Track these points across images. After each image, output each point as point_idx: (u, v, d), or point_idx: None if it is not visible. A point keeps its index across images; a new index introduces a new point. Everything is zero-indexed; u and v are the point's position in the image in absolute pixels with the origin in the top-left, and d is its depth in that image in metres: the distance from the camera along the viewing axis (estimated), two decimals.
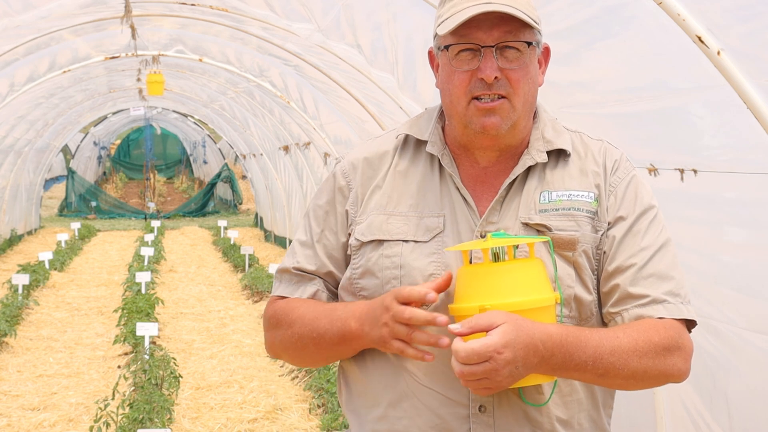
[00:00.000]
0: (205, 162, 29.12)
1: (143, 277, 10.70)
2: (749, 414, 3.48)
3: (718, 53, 3.07)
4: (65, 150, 28.22)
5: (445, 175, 2.06)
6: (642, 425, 4.10)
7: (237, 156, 21.77)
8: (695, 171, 3.63)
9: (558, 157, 2.06)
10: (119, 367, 7.81)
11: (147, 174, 26.98)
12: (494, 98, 1.95)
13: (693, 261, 3.54)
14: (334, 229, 2.10)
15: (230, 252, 15.03)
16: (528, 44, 1.96)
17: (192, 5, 7.80)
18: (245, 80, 11.73)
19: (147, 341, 7.80)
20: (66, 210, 24.18)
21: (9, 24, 6.72)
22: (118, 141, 32.09)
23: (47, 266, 12.97)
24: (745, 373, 3.50)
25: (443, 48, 1.99)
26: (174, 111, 24.50)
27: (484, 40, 1.93)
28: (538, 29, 1.98)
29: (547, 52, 2.07)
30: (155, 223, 20.04)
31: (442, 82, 2.02)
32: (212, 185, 25.45)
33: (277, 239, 17.19)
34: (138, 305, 9.42)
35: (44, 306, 10.79)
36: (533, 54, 1.98)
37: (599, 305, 2.01)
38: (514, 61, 1.95)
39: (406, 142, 2.13)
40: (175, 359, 7.37)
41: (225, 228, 18.10)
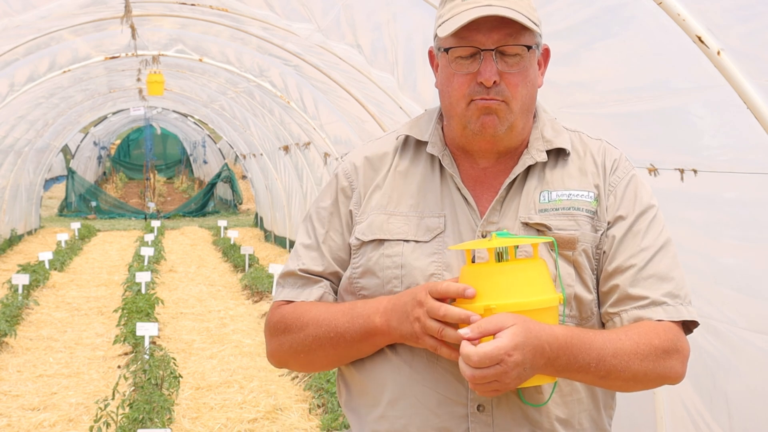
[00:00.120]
0: (205, 162, 29.12)
1: (143, 277, 10.70)
2: (749, 414, 3.48)
3: (718, 53, 3.07)
4: (65, 150, 28.22)
5: (446, 176, 2.06)
6: (642, 425, 4.10)
7: (237, 156, 21.77)
8: (695, 171, 3.62)
9: (557, 157, 2.06)
10: (119, 367, 7.81)
11: (147, 174, 26.98)
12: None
13: (693, 261, 3.54)
14: (339, 230, 2.09)
15: (230, 252, 15.03)
16: (528, 48, 1.95)
17: (192, 5, 7.80)
18: (245, 80, 11.73)
19: (147, 341, 7.80)
20: (66, 210, 24.18)
21: (9, 24, 6.72)
22: (118, 141, 32.08)
23: (47, 266, 12.97)
24: (745, 373, 3.50)
25: (443, 50, 1.99)
26: (174, 111, 24.50)
27: (484, 43, 1.93)
28: (539, 32, 1.98)
29: (547, 54, 2.07)
30: (155, 223, 20.04)
31: (442, 84, 2.02)
32: (212, 185, 25.44)
33: (277, 239, 17.19)
34: (138, 305, 9.42)
35: (44, 306, 10.79)
36: (533, 57, 1.98)
37: (598, 305, 2.01)
38: (514, 65, 1.94)
39: (406, 143, 2.13)
40: (175, 359, 7.37)
41: (225, 228, 18.10)
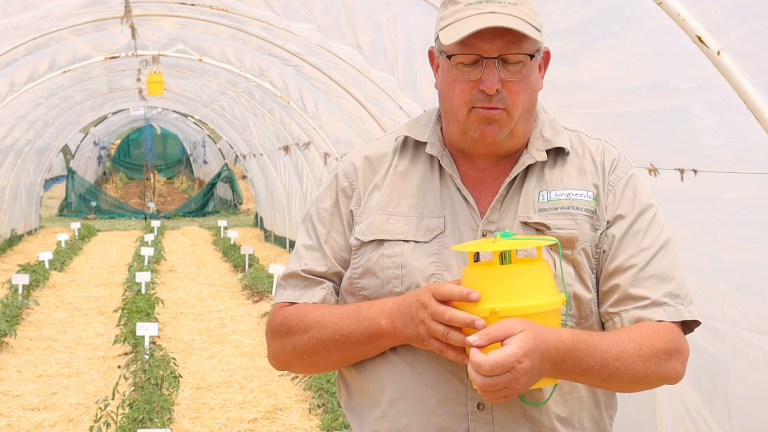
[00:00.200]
0: (205, 162, 29.12)
1: (143, 277, 10.70)
2: (749, 414, 3.48)
3: (718, 53, 3.06)
4: (65, 150, 28.22)
5: (445, 176, 2.06)
6: (642, 425, 4.10)
7: (237, 156, 21.77)
8: (695, 171, 3.62)
9: (556, 156, 2.06)
10: (119, 367, 7.81)
11: (147, 174, 26.97)
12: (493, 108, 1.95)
13: (693, 261, 3.54)
14: (341, 230, 2.09)
15: (230, 252, 15.03)
16: (531, 56, 1.95)
17: (192, 5, 7.80)
18: (245, 80, 11.73)
19: (147, 341, 7.80)
20: (66, 210, 24.18)
21: (9, 24, 6.72)
22: (118, 141, 32.08)
23: (47, 266, 12.97)
24: (745, 373, 3.50)
25: (446, 56, 1.97)
26: (174, 111, 24.49)
27: (488, 51, 1.92)
28: (541, 39, 1.97)
29: (548, 56, 2.06)
30: (155, 223, 20.03)
31: (443, 88, 2.02)
32: (212, 185, 25.44)
33: (277, 239, 17.19)
34: (138, 305, 9.42)
35: (44, 306, 10.78)
36: (534, 63, 1.98)
37: (597, 304, 2.01)
38: (516, 73, 1.94)
39: (405, 144, 2.12)
40: (175, 359, 7.37)
41: (225, 228, 18.10)
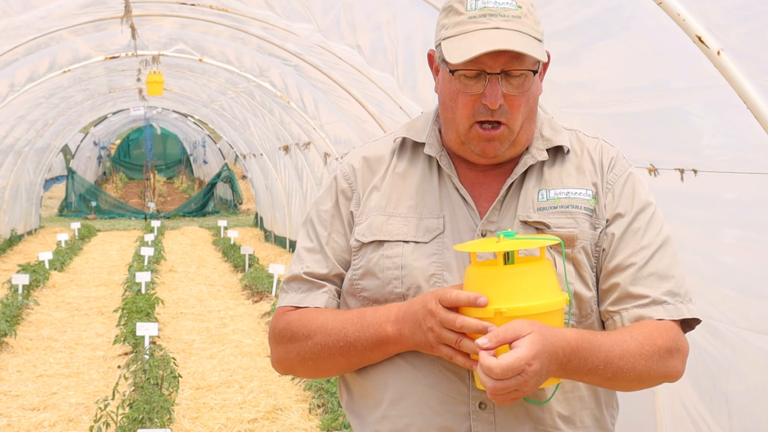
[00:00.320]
0: (205, 162, 29.12)
1: (143, 277, 10.70)
2: (749, 414, 3.48)
3: (718, 53, 3.06)
4: (65, 150, 28.22)
5: (444, 176, 2.06)
6: (642, 425, 4.10)
7: (237, 156, 21.77)
8: (695, 171, 3.62)
9: (555, 156, 2.06)
10: (119, 367, 7.81)
11: (147, 174, 26.97)
12: (495, 125, 1.95)
13: (693, 261, 3.54)
14: (342, 232, 2.08)
15: (230, 252, 15.03)
16: (534, 72, 1.94)
17: (192, 5, 7.80)
18: (245, 80, 11.73)
19: (147, 341, 7.80)
20: (66, 210, 24.18)
21: (9, 24, 6.72)
22: (118, 141, 32.08)
23: (47, 266, 12.97)
24: (745, 373, 3.50)
25: (449, 71, 1.96)
26: (174, 111, 24.49)
27: (491, 67, 1.91)
28: (543, 56, 1.95)
29: (547, 59, 2.06)
30: (155, 223, 20.03)
31: (444, 97, 2.01)
32: (212, 185, 25.44)
33: (277, 239, 17.19)
34: (138, 305, 9.42)
35: (44, 306, 10.78)
36: (537, 75, 1.97)
37: (597, 302, 2.01)
38: (519, 87, 1.94)
39: (404, 145, 2.12)
40: (175, 359, 7.37)
41: (225, 228, 18.10)
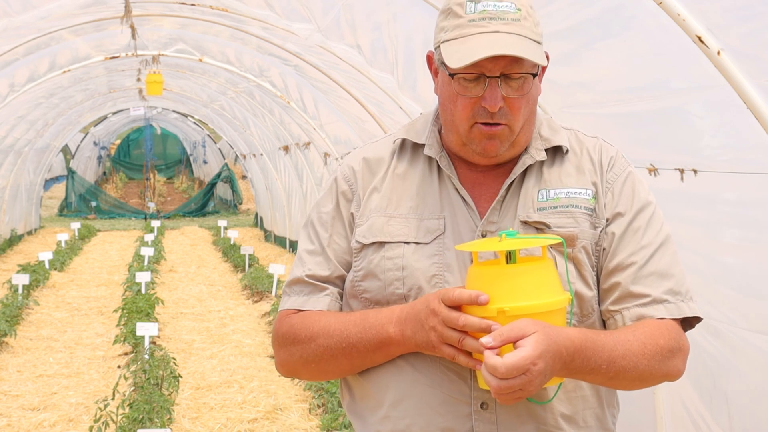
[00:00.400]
0: (205, 162, 29.12)
1: (143, 277, 10.70)
2: (749, 414, 3.48)
3: (718, 53, 3.06)
4: (65, 150, 28.21)
5: (444, 177, 2.06)
6: (642, 425, 4.10)
7: (237, 156, 21.77)
8: (695, 171, 3.62)
9: (555, 155, 2.06)
10: (119, 367, 7.81)
11: (147, 174, 26.97)
12: (495, 124, 1.95)
13: (693, 261, 3.54)
14: (343, 233, 2.08)
15: (230, 252, 15.03)
16: (533, 75, 1.94)
17: (192, 5, 7.80)
18: (245, 80, 11.73)
19: (147, 341, 7.80)
20: (66, 210, 24.18)
21: (9, 24, 6.72)
22: (118, 141, 32.07)
23: (47, 266, 12.96)
24: (745, 373, 3.50)
25: (449, 74, 1.95)
26: (174, 111, 24.49)
27: (491, 70, 1.91)
28: (543, 60, 1.95)
29: (546, 58, 2.05)
30: (155, 223, 20.03)
31: (444, 99, 2.01)
32: (212, 185, 25.44)
33: (277, 239, 17.19)
34: (138, 305, 9.42)
35: (44, 306, 10.78)
36: (536, 77, 1.97)
37: (598, 302, 2.01)
38: (518, 89, 1.94)
39: (404, 147, 2.12)
40: (175, 359, 7.37)
41: (225, 228, 18.10)
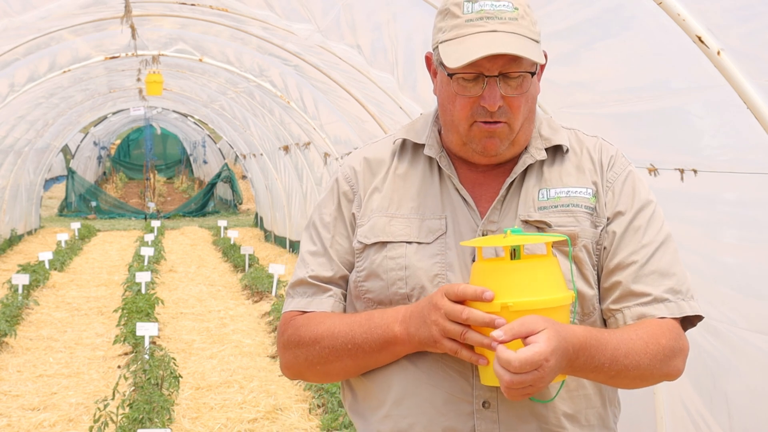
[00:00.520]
0: (205, 162, 29.12)
1: (143, 277, 10.70)
2: (749, 414, 3.48)
3: (718, 53, 3.06)
4: (65, 150, 28.21)
5: (444, 177, 2.06)
6: (642, 425, 4.10)
7: (237, 156, 21.77)
8: (695, 171, 3.62)
9: (555, 155, 2.07)
10: (119, 367, 7.81)
11: (147, 174, 26.98)
12: (495, 122, 1.95)
13: (693, 261, 3.54)
14: (345, 234, 2.09)
15: (230, 252, 15.03)
16: (532, 74, 1.95)
17: (192, 5, 7.80)
18: (245, 80, 11.73)
19: (147, 341, 7.80)
20: (66, 210, 24.18)
21: (9, 24, 6.72)
22: (118, 141, 32.08)
23: (47, 266, 12.96)
24: (745, 373, 3.50)
25: (447, 75, 1.96)
26: (174, 111, 24.49)
27: (489, 69, 1.91)
28: (541, 58, 1.95)
29: (545, 60, 2.05)
30: (155, 223, 20.03)
31: (443, 99, 2.01)
32: (212, 185, 25.44)
33: (277, 239, 17.19)
34: (138, 305, 9.42)
35: (44, 306, 10.78)
36: (534, 76, 1.97)
37: (599, 300, 2.02)
38: (517, 88, 1.94)
39: (404, 147, 2.13)
40: (175, 359, 7.37)
41: (225, 228, 18.10)
